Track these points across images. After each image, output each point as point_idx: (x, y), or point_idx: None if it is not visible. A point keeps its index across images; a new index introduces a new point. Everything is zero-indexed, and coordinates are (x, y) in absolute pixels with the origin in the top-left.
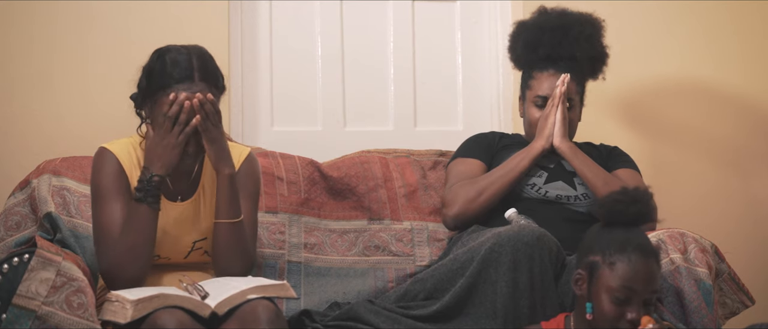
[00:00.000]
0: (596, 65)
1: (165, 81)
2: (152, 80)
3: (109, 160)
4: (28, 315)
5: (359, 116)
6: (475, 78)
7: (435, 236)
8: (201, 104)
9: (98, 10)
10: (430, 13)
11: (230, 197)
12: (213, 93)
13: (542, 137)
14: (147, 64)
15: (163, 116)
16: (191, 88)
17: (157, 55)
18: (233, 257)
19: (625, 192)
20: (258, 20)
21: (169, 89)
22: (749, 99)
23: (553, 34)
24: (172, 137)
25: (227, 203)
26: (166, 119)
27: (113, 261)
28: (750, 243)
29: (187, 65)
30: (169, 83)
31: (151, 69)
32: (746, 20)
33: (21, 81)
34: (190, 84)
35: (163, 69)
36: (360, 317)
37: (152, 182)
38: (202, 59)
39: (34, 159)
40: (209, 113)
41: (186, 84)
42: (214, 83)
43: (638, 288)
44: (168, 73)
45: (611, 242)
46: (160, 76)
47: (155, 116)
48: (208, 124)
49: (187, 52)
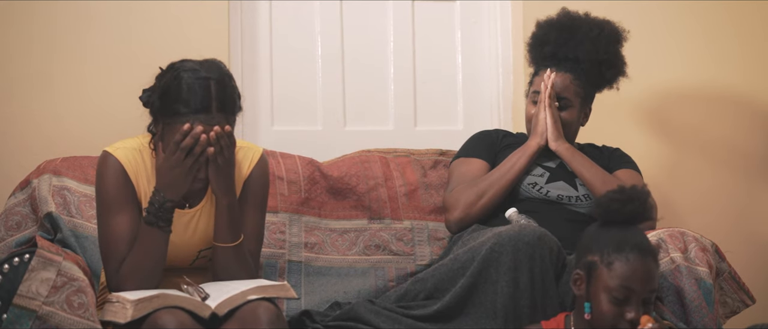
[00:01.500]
0: (603, 71)
1: (180, 109)
2: (166, 103)
3: (113, 167)
4: (29, 315)
5: (359, 116)
6: (475, 77)
7: (435, 235)
8: (218, 137)
9: (98, 9)
10: (430, 13)
11: (229, 223)
12: (230, 121)
13: (536, 134)
14: (162, 82)
15: (176, 144)
16: (209, 120)
17: (174, 74)
18: (234, 276)
19: (622, 191)
20: (258, 20)
21: (185, 119)
22: (749, 99)
23: (561, 33)
24: (184, 166)
25: (226, 229)
26: (178, 147)
27: (122, 279)
28: (750, 242)
29: (205, 94)
30: (185, 113)
31: (167, 89)
32: (746, 21)
33: (21, 81)
34: (207, 116)
35: (179, 95)
36: (360, 317)
37: (165, 207)
38: (221, 85)
39: (34, 159)
40: (224, 146)
41: (203, 115)
42: (231, 110)
43: (636, 287)
44: (184, 101)
45: (609, 241)
46: (175, 102)
47: (167, 140)
48: (221, 156)
49: (206, 77)
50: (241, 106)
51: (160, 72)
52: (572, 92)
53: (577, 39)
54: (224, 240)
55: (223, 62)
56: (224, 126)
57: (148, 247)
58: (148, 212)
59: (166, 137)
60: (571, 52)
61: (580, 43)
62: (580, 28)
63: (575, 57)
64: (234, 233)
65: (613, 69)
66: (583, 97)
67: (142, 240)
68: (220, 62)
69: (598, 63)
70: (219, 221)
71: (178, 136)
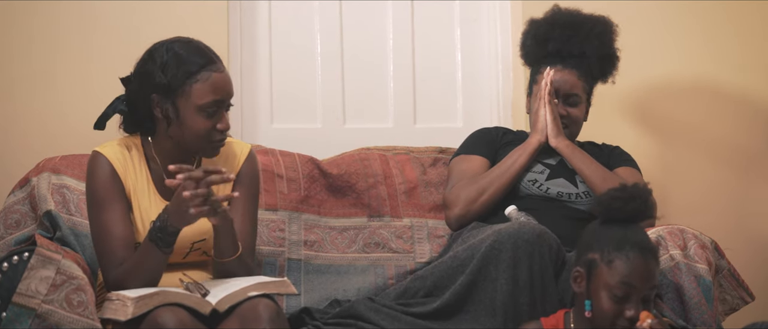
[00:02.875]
0: (606, 66)
1: (191, 67)
2: (174, 71)
3: (101, 164)
4: (28, 313)
5: (359, 114)
6: (475, 75)
7: (435, 233)
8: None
9: (99, 8)
10: (429, 11)
11: (231, 239)
12: None
13: (537, 131)
14: (151, 64)
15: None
16: (220, 68)
17: (165, 48)
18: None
19: (623, 189)
20: (257, 18)
21: (201, 76)
22: (748, 96)
23: (564, 30)
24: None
25: (228, 245)
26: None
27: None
28: (750, 239)
29: (200, 50)
30: (198, 70)
31: (166, 63)
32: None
33: (23, 80)
34: (216, 65)
35: (181, 59)
36: (360, 315)
37: (168, 230)
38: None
39: (35, 158)
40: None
41: (214, 65)
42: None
43: (637, 285)
44: (191, 61)
45: (609, 239)
46: (183, 64)
47: (185, 108)
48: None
49: (188, 40)
50: None
51: (142, 59)
52: (581, 88)
53: (583, 35)
54: (228, 255)
55: None
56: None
57: (146, 260)
58: (153, 226)
59: (184, 105)
60: (577, 48)
61: (587, 38)
62: (583, 23)
63: (582, 53)
64: (235, 246)
65: (610, 63)
66: (588, 92)
67: (142, 252)
68: None
69: (604, 57)
70: (220, 239)
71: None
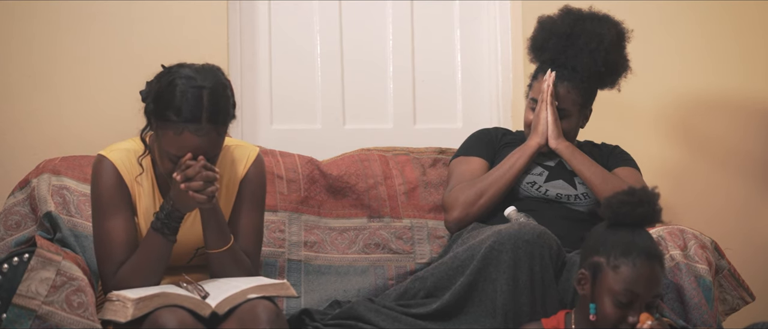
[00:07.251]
0: (603, 78)
1: (171, 116)
2: (159, 107)
3: (107, 170)
4: (29, 314)
5: (358, 114)
6: (475, 76)
7: (435, 234)
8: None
9: (98, 9)
10: (429, 11)
11: (217, 228)
12: (220, 132)
13: (537, 134)
14: (156, 85)
15: (167, 156)
16: (198, 130)
17: (169, 79)
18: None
19: (632, 193)
20: (257, 19)
21: (175, 126)
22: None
23: (559, 41)
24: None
25: (215, 235)
26: (169, 157)
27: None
28: (750, 240)
29: (196, 104)
30: (176, 121)
31: (161, 94)
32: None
33: (21, 80)
34: (197, 126)
35: (172, 101)
36: (360, 316)
37: (173, 215)
38: (214, 96)
39: (34, 159)
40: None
41: (193, 125)
42: (223, 122)
43: (641, 292)
44: (176, 109)
45: (616, 244)
46: (167, 108)
47: (159, 143)
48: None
49: (200, 86)
50: (235, 114)
51: (161, 72)
52: (570, 102)
53: (576, 48)
54: (216, 246)
55: (221, 69)
56: (215, 139)
57: (150, 252)
58: (157, 218)
59: (158, 140)
60: (569, 61)
61: (578, 53)
62: (579, 36)
63: (573, 66)
64: (224, 237)
65: (612, 75)
66: (582, 104)
67: (145, 244)
68: (217, 69)
69: (594, 75)
70: (207, 230)
71: (171, 148)
